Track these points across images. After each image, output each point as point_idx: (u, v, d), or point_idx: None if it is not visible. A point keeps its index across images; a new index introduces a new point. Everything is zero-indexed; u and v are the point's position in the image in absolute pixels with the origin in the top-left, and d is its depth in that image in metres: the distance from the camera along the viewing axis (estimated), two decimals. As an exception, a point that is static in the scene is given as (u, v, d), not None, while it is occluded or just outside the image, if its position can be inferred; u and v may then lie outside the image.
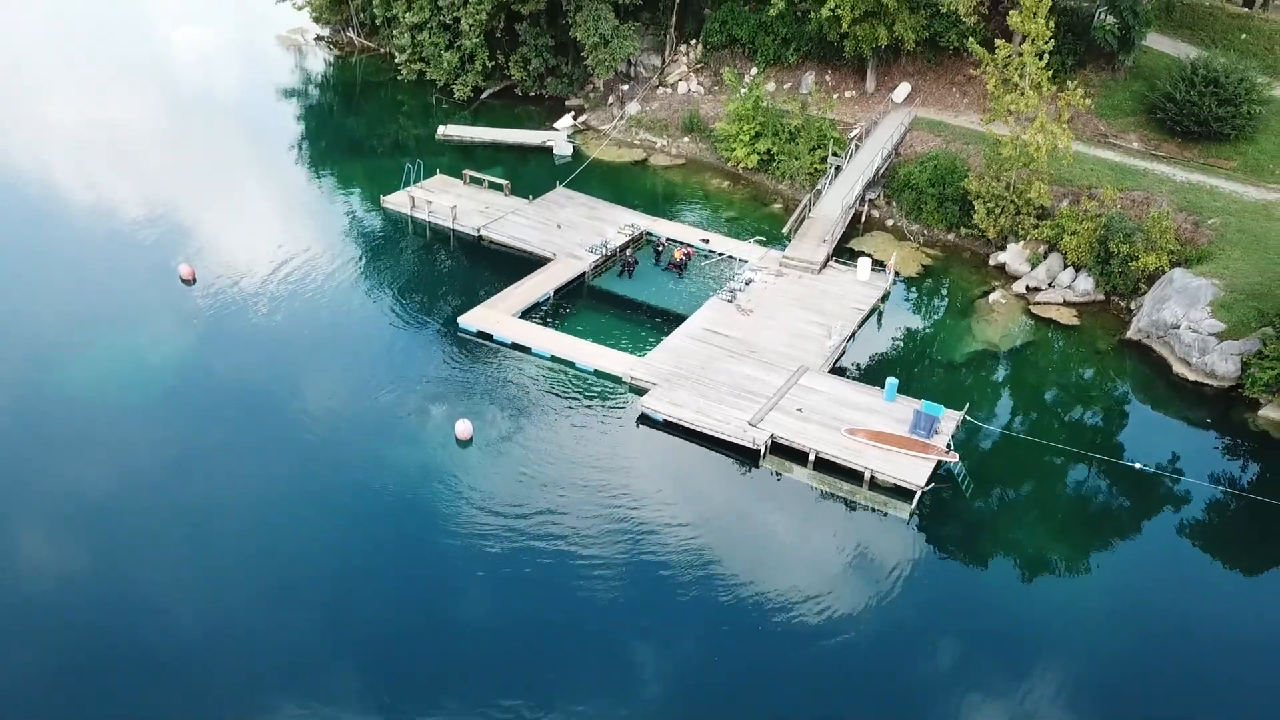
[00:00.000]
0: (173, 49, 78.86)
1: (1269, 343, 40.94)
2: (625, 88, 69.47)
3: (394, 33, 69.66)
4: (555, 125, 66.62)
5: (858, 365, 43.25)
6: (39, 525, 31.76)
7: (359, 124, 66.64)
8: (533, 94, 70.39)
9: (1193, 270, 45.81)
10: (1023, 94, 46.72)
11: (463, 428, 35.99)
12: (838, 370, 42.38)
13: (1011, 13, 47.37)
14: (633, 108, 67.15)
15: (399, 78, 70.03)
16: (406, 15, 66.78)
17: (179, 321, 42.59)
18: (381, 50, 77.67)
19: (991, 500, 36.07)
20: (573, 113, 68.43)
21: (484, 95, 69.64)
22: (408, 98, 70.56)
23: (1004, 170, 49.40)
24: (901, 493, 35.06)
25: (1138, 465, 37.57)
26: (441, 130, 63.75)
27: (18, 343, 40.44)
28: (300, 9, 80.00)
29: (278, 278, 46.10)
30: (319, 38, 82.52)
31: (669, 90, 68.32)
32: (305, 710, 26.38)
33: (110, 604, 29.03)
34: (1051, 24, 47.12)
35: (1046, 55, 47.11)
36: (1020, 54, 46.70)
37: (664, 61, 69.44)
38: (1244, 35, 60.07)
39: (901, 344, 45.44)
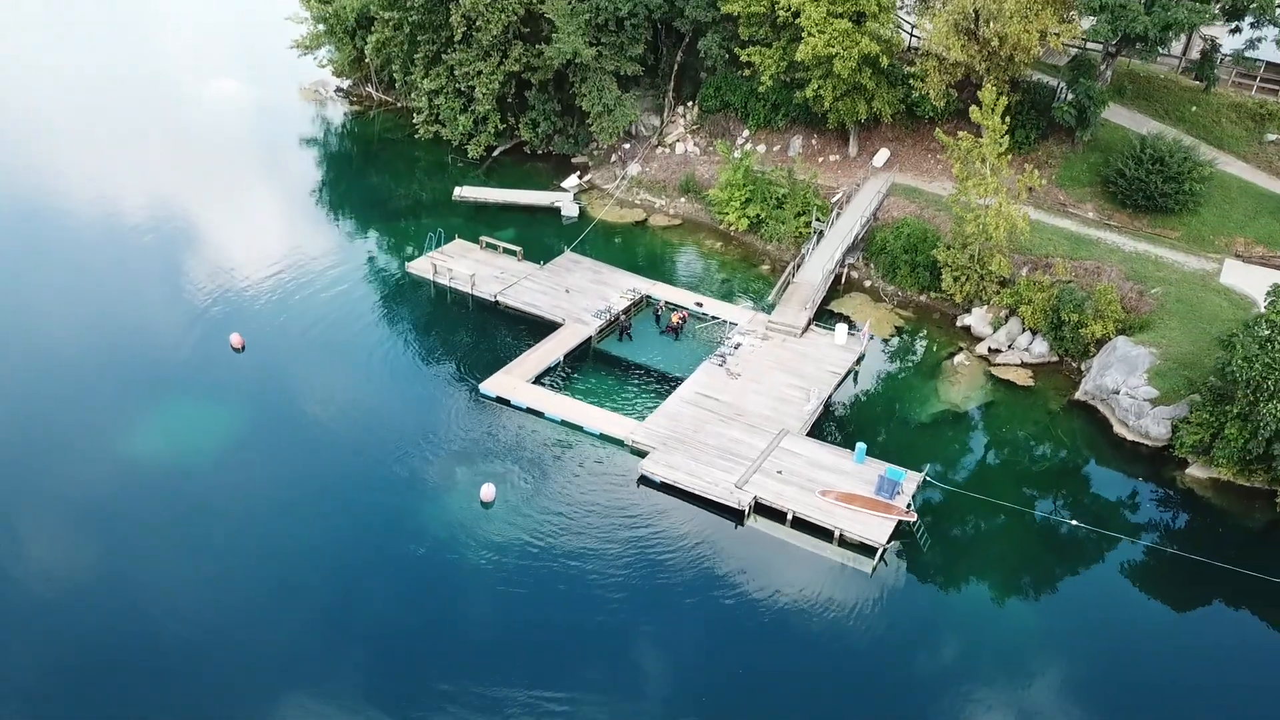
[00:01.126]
0: (201, 105, 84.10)
1: (1195, 409, 46.49)
2: (627, 146, 75.07)
3: (412, 95, 75.14)
4: (563, 185, 72.16)
5: (833, 427, 48.81)
6: (117, 563, 37.33)
7: (381, 183, 72.04)
8: (540, 152, 75.82)
9: (1134, 338, 51.35)
10: (983, 180, 52.17)
11: (487, 491, 41.56)
12: (816, 430, 47.90)
13: (974, 108, 52.84)
14: (634, 168, 72.74)
15: (416, 135, 75.39)
16: (424, 81, 72.29)
17: (232, 387, 48.14)
18: (398, 104, 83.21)
19: (945, 554, 41.63)
20: (578, 172, 73.96)
21: (495, 153, 75.10)
22: (424, 154, 76.03)
23: (968, 243, 54.91)
24: (866, 549, 40.62)
25: (1074, 522, 43.09)
26: (457, 191, 69.29)
27: (90, 405, 45.97)
28: (323, 67, 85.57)
29: (317, 344, 51.69)
30: (339, 89, 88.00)
31: (667, 150, 73.90)
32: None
33: (207, 631, 34.60)
34: (1007, 120, 52.55)
35: (1005, 141, 52.48)
36: (980, 145, 52.11)
37: (663, 122, 75.02)
38: (1194, 108, 65.52)
39: (872, 406, 51.02)
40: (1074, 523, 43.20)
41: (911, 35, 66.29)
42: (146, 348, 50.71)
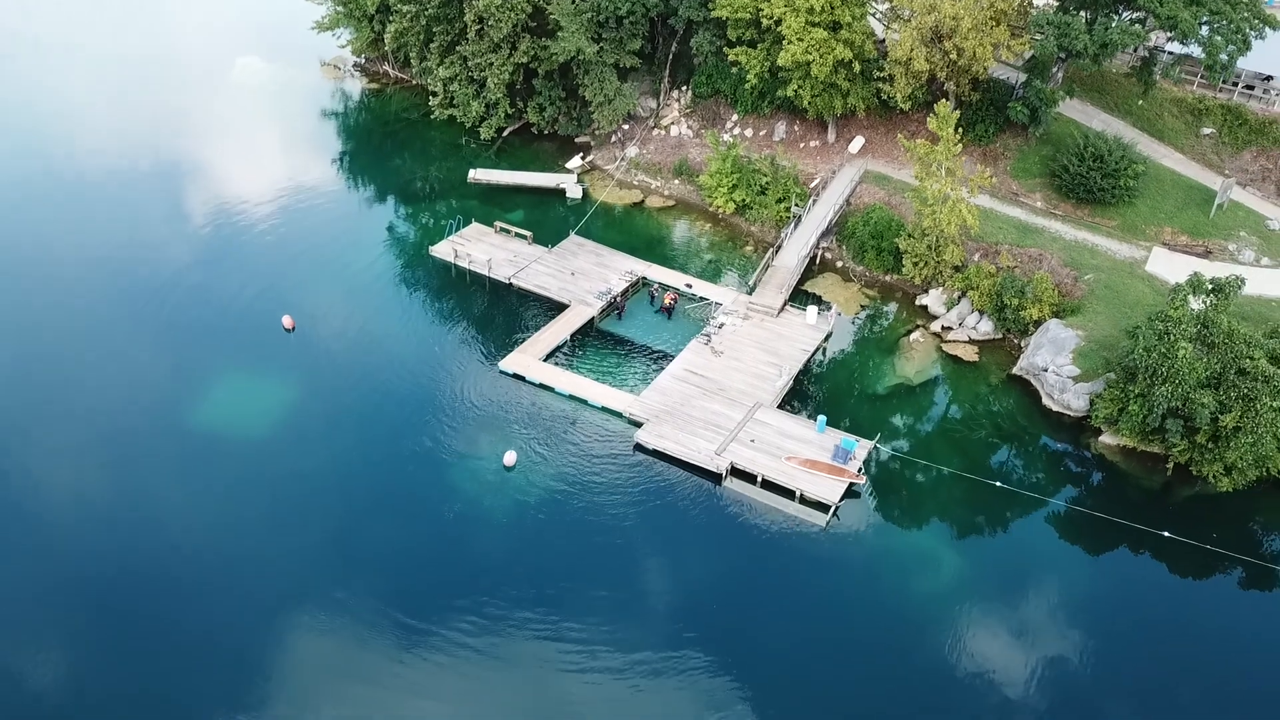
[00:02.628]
0: (227, 80, 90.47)
1: (1109, 386, 54.71)
2: (626, 127, 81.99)
3: (428, 81, 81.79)
4: (567, 165, 79.30)
5: (800, 399, 57.11)
6: (194, 501, 46.09)
7: (402, 164, 79.12)
8: (546, 132, 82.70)
9: (1065, 321, 59.33)
10: (939, 180, 59.50)
11: (509, 457, 50.07)
12: (786, 402, 56.23)
13: (930, 118, 60.03)
14: (632, 150, 79.83)
15: (431, 116, 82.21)
16: (439, 69, 78.96)
17: (285, 362, 56.39)
18: (414, 82, 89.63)
19: (887, 510, 50.26)
20: (581, 153, 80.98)
21: (505, 133, 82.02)
22: (439, 134, 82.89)
23: (925, 234, 62.56)
24: (822, 505, 49.23)
25: (998, 484, 51.62)
26: (472, 174, 76.48)
27: (162, 379, 54.30)
28: (342, 47, 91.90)
29: (356, 325, 59.69)
30: (357, 64, 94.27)
31: (663, 132, 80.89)
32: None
33: (273, 566, 43.44)
34: (959, 131, 59.74)
35: (959, 148, 59.68)
36: (935, 151, 59.38)
37: (659, 105, 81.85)
38: (1140, 102, 72.47)
39: (836, 380, 59.24)
40: (998, 484, 51.64)
41: (884, 37, 72.58)
42: (213, 328, 58.61)
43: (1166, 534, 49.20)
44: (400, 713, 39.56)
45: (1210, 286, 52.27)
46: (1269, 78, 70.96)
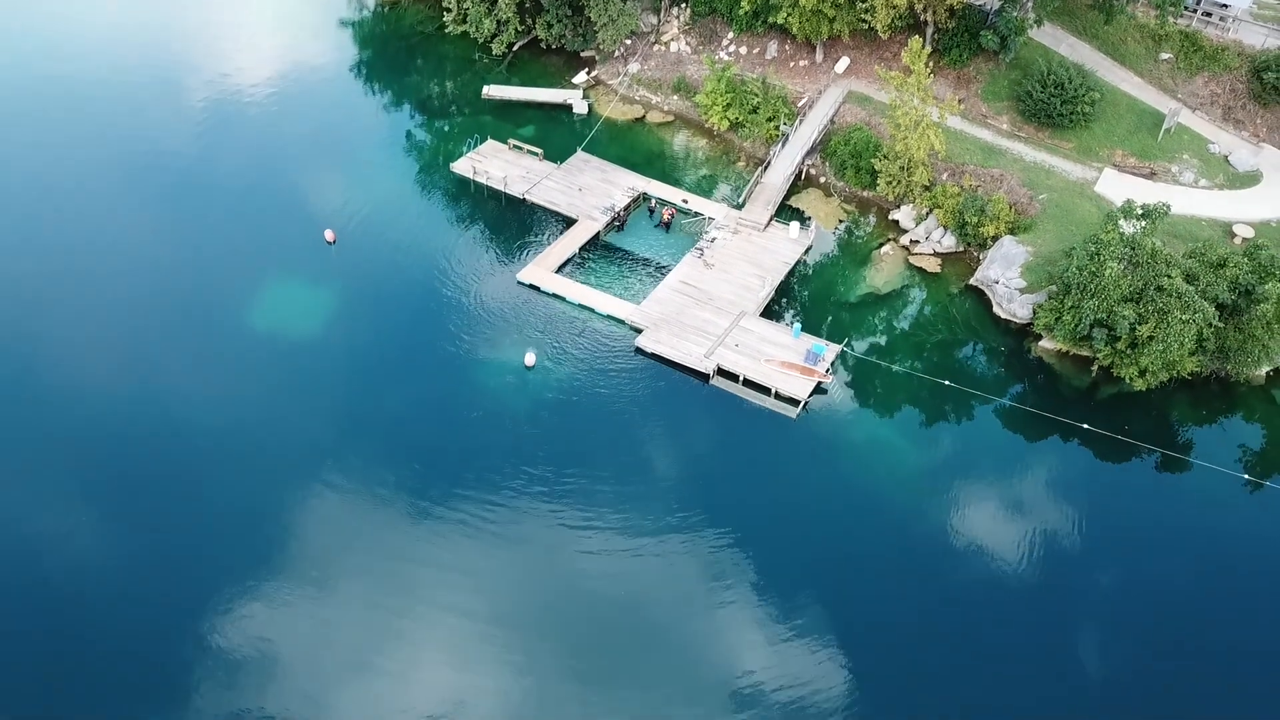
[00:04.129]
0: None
1: (1050, 298, 62.82)
2: (629, 42, 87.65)
3: (444, 2, 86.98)
4: (574, 81, 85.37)
5: (780, 307, 65.33)
6: (244, 389, 55.21)
7: (419, 80, 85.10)
8: (554, 47, 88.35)
9: (1018, 238, 66.97)
10: (910, 108, 66.21)
11: (529, 357, 58.73)
12: (767, 311, 64.49)
13: (904, 51, 66.34)
14: (634, 66, 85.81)
15: (445, 31, 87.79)
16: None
17: (329, 273, 64.54)
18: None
19: (849, 405, 59.08)
20: (587, 68, 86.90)
21: (515, 48, 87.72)
22: (452, 48, 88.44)
23: (898, 158, 69.62)
24: (793, 401, 58.08)
25: (947, 382, 60.33)
26: (486, 90, 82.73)
27: (213, 282, 62.60)
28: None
29: (390, 237, 67.43)
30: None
31: (663, 48, 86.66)
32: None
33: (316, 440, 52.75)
34: (936, 59, 66.07)
35: (930, 79, 66.09)
36: (908, 82, 65.88)
37: (659, 22, 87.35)
38: (1106, 27, 78.21)
39: (813, 289, 67.26)
40: (947, 383, 60.35)
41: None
42: (260, 240, 66.53)
43: (1085, 426, 58.09)
44: (422, 578, 49.00)
45: (1140, 212, 59.77)
46: (1225, 5, 76.44)
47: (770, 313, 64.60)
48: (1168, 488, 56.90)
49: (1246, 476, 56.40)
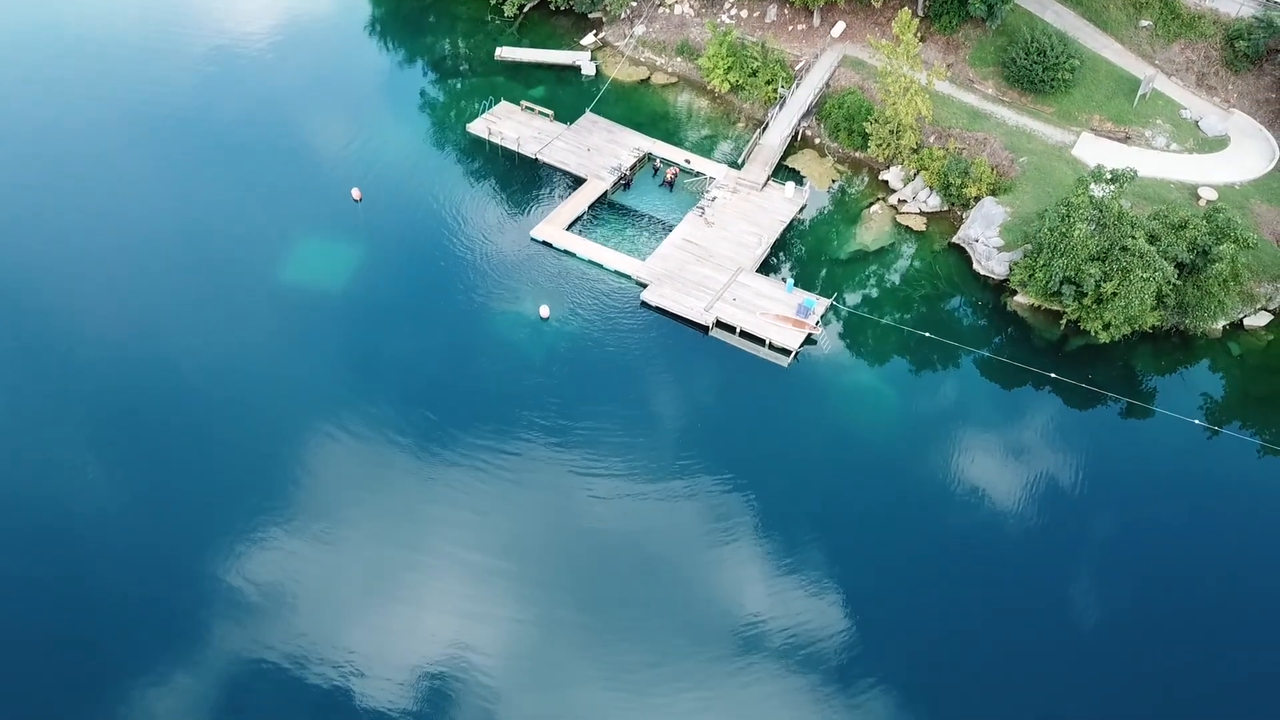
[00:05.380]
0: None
1: (1026, 256, 67.82)
2: (634, 4, 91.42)
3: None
4: (582, 42, 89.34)
5: (775, 263, 70.40)
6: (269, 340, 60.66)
7: (434, 41, 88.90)
8: (562, 9, 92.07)
9: (998, 199, 71.76)
10: (899, 76, 70.59)
11: (544, 309, 64.03)
12: (763, 267, 69.58)
13: (894, 22, 70.54)
14: (639, 28, 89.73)
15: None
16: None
17: (357, 229, 69.56)
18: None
19: (837, 355, 64.46)
20: (594, 30, 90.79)
21: (525, 9, 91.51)
22: (465, 9, 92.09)
23: (888, 122, 74.12)
24: (785, 351, 63.46)
25: (926, 334, 65.63)
26: (498, 52, 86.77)
27: (245, 236, 67.70)
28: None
29: (412, 195, 72.23)
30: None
31: (668, 10, 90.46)
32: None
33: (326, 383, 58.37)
34: (926, 24, 70.20)
35: (917, 47, 70.27)
36: (898, 50, 70.15)
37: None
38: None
39: (805, 246, 72.23)
40: (928, 334, 65.65)
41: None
42: (293, 199, 71.38)
43: (1054, 375, 63.55)
44: (438, 517, 54.63)
45: (1109, 177, 64.56)
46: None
47: (766, 267, 69.58)
48: (1128, 433, 62.47)
49: (1199, 423, 61.91)
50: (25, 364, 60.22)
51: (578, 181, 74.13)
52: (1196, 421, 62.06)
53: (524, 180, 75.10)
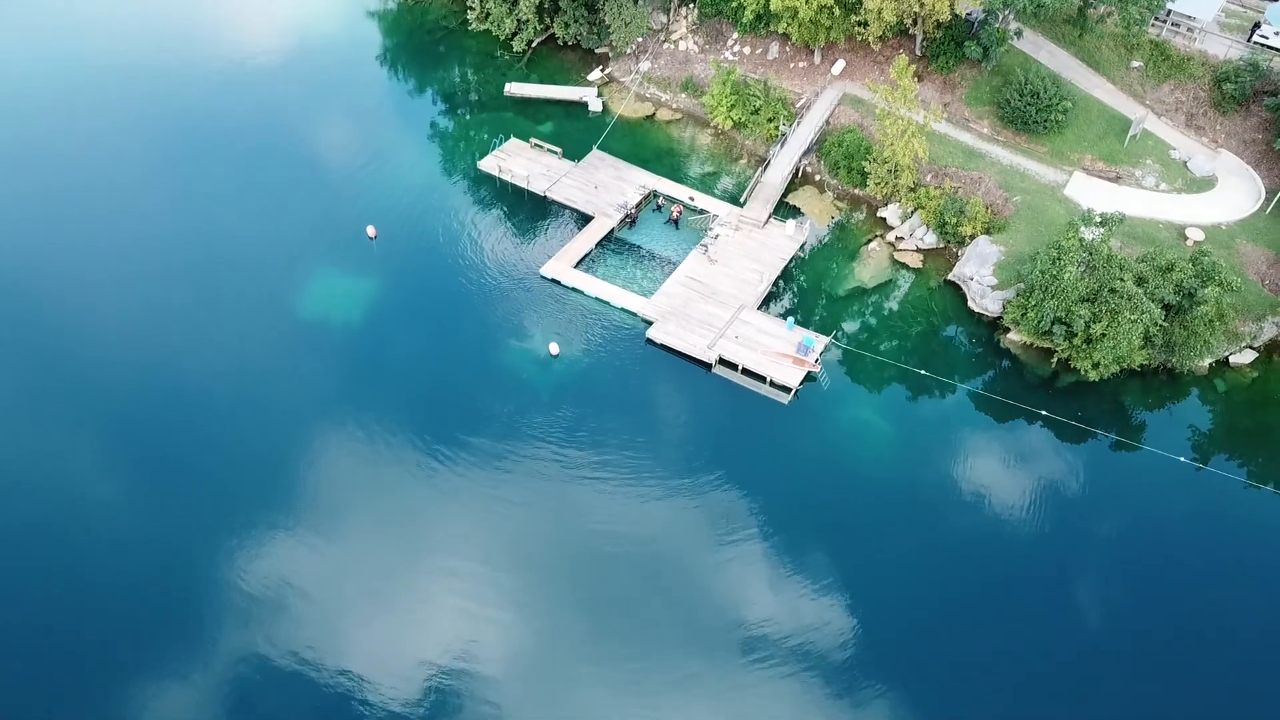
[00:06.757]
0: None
1: (1019, 294, 70.17)
2: (640, 40, 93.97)
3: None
4: (589, 78, 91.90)
5: (775, 301, 72.78)
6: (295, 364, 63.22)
7: (445, 76, 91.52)
8: (570, 44, 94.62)
9: (992, 238, 74.15)
10: (897, 119, 73.06)
11: (554, 347, 66.43)
12: (765, 304, 71.97)
13: (891, 67, 72.97)
14: (645, 64, 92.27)
15: (469, 28, 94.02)
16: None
17: (371, 266, 72.00)
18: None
19: (836, 392, 66.76)
20: (600, 65, 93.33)
21: (533, 44, 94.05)
22: (474, 43, 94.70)
23: (885, 161, 76.55)
24: (785, 388, 65.83)
25: (923, 372, 67.98)
26: (508, 88, 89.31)
27: (265, 272, 70.19)
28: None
29: (425, 232, 74.65)
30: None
31: (672, 47, 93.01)
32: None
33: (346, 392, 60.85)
34: (924, 64, 72.64)
35: (915, 90, 72.76)
36: (895, 93, 72.62)
37: (669, 20, 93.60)
38: (1082, 36, 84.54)
39: (805, 283, 74.57)
40: (923, 372, 68.01)
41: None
42: (310, 236, 73.89)
43: (1044, 413, 65.89)
44: (449, 527, 57.23)
45: (1099, 220, 66.97)
46: (1192, 17, 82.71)
47: (768, 302, 71.98)
48: (1116, 469, 64.61)
49: (1185, 459, 64.19)
50: (49, 377, 63.46)
51: (585, 219, 76.52)
52: (1183, 459, 64.36)
53: (533, 217, 77.54)
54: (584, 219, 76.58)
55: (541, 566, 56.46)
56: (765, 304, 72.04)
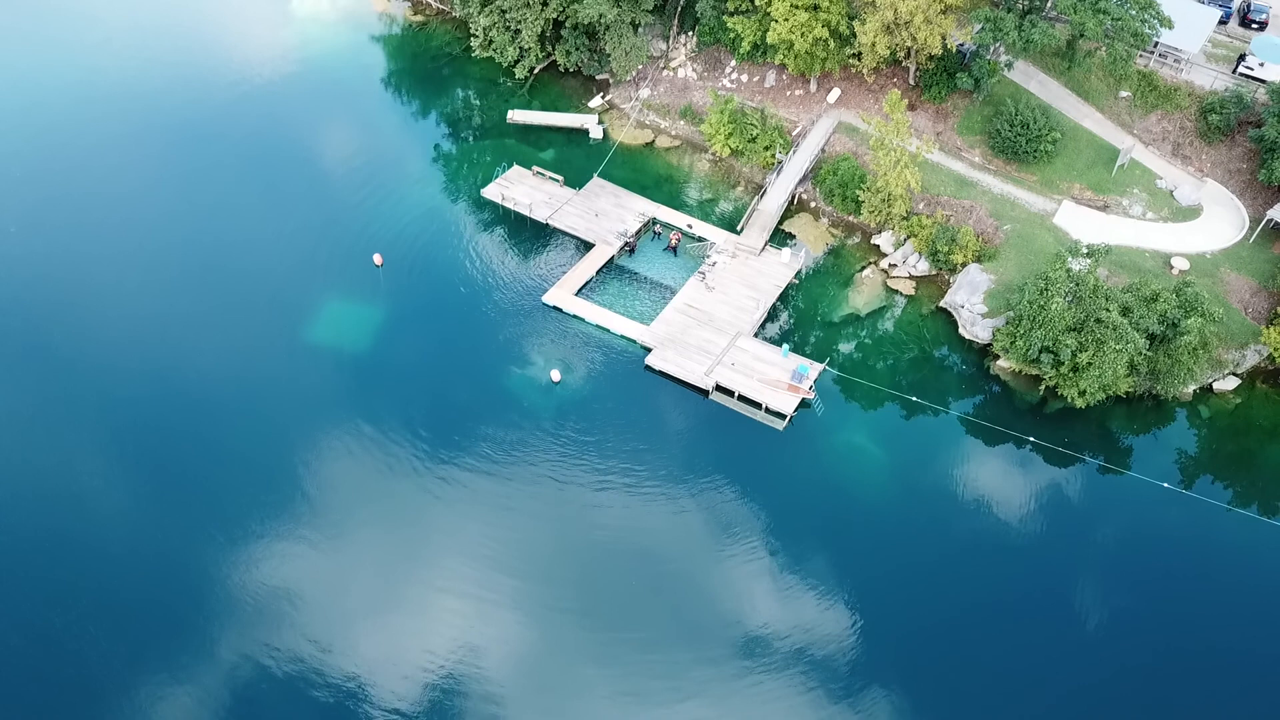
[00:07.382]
0: (283, 9, 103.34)
1: (1009, 322, 72.08)
2: (640, 67, 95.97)
3: (468, 12, 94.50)
4: (589, 105, 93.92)
5: (770, 328, 74.70)
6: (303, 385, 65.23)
7: (448, 103, 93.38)
8: (571, 70, 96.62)
9: (983, 266, 76.09)
10: (890, 149, 75.02)
11: (555, 374, 68.38)
12: (761, 330, 73.91)
13: (885, 100, 75.00)
14: (644, 91, 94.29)
15: (472, 54, 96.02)
16: (480, 17, 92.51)
17: (378, 292, 74.01)
18: (455, 14, 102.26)
19: (830, 418, 68.66)
20: (601, 92, 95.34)
21: (535, 71, 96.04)
22: (477, 69, 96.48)
23: (879, 191, 78.53)
24: (780, 414, 67.75)
25: (914, 399, 69.89)
26: (510, 115, 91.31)
27: (274, 301, 72.11)
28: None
29: (430, 260, 76.62)
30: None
31: (671, 74, 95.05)
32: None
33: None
34: (918, 93, 74.63)
35: (907, 123, 74.73)
36: (888, 126, 74.60)
37: (668, 48, 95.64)
38: (1069, 66, 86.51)
39: (800, 310, 76.50)
40: (914, 399, 69.94)
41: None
42: (318, 262, 75.88)
43: (1032, 439, 67.80)
44: (451, 547, 59.23)
45: (1085, 251, 68.91)
46: (1179, 49, 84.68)
47: (764, 330, 73.90)
48: (1102, 494, 66.60)
49: (1169, 485, 66.04)
50: (59, 386, 65.98)
51: (586, 246, 78.44)
52: (1167, 484, 66.25)
53: (536, 244, 79.49)
54: (585, 246, 78.49)
55: (542, 585, 58.41)
56: (761, 330, 73.84)
